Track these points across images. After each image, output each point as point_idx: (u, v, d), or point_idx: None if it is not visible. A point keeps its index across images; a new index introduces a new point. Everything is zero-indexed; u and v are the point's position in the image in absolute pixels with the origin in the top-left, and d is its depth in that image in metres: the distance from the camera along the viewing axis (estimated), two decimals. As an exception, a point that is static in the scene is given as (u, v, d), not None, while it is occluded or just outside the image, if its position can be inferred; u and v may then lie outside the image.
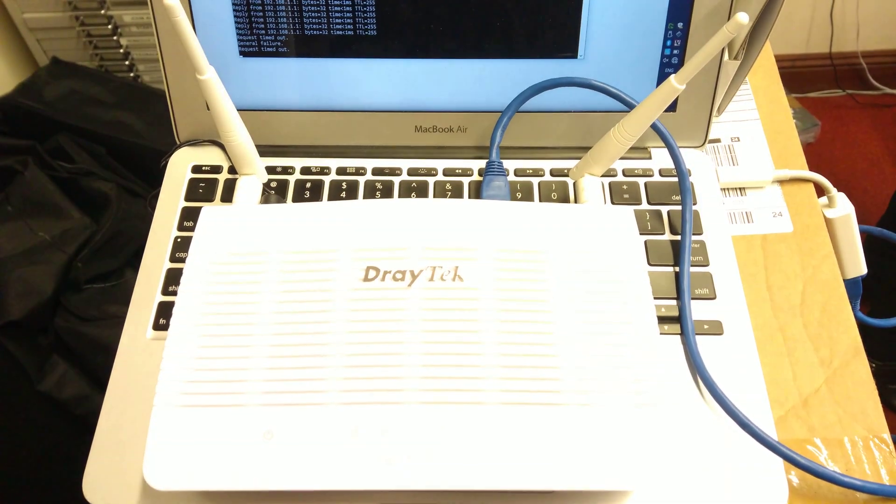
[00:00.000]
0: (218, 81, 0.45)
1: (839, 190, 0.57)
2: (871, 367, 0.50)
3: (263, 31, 0.52)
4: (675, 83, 0.44)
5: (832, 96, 1.95)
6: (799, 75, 1.92)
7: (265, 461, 0.39)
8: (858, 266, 0.57)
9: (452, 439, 0.40)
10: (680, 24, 0.52)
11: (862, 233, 0.58)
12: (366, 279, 0.44)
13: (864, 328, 0.53)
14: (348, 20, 0.51)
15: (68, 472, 0.45)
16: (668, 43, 0.52)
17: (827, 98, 1.95)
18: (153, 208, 0.54)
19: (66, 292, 0.91)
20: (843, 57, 1.91)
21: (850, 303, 0.53)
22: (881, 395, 0.49)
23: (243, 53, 0.53)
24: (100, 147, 1.02)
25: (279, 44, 0.52)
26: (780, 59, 0.64)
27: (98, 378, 0.89)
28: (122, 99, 1.09)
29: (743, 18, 0.40)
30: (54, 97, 1.06)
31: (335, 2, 0.51)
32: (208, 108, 0.49)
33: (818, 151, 1.85)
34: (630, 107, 0.50)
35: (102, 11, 1.19)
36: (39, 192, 0.95)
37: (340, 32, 0.52)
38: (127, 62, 1.27)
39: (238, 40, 0.52)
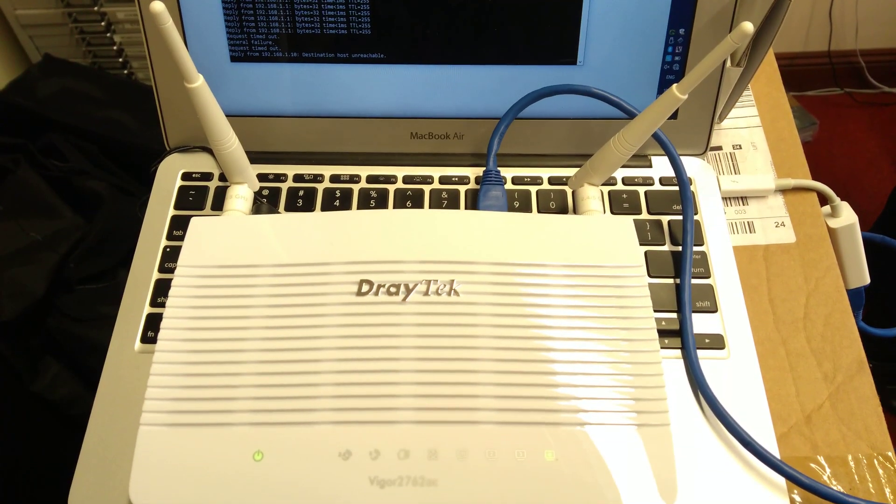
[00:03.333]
0: (207, 90, 0.44)
1: (837, 190, 0.56)
2: (869, 367, 0.50)
3: (255, 33, 0.51)
4: (678, 93, 0.43)
5: (830, 95, 1.94)
6: (797, 73, 1.92)
7: (253, 483, 0.38)
8: (862, 276, 0.56)
9: (447, 461, 0.38)
10: (682, 31, 0.50)
11: (863, 240, 0.57)
12: (359, 293, 0.43)
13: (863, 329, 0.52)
14: (342, 22, 0.50)
15: (61, 472, 0.44)
16: (670, 49, 0.51)
17: (825, 96, 1.94)
18: (143, 214, 0.53)
19: (58, 293, 0.89)
20: (842, 55, 1.90)
21: (853, 313, 0.52)
22: (879, 395, 0.48)
23: (234, 59, 0.51)
24: (92, 145, 1.01)
25: (271, 48, 0.51)
26: (778, 57, 0.63)
27: (91, 379, 0.88)
28: (116, 97, 1.08)
29: (748, 28, 0.39)
30: (47, 95, 1.05)
31: (328, 4, 0.50)
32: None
33: (816, 150, 1.84)
34: (630, 115, 0.49)
35: (95, 8, 1.17)
36: (31, 191, 0.94)
37: (334, 32, 0.50)
38: (120, 59, 1.25)
39: (229, 45, 0.51)
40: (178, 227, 0.51)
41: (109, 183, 0.98)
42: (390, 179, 0.54)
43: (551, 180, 0.54)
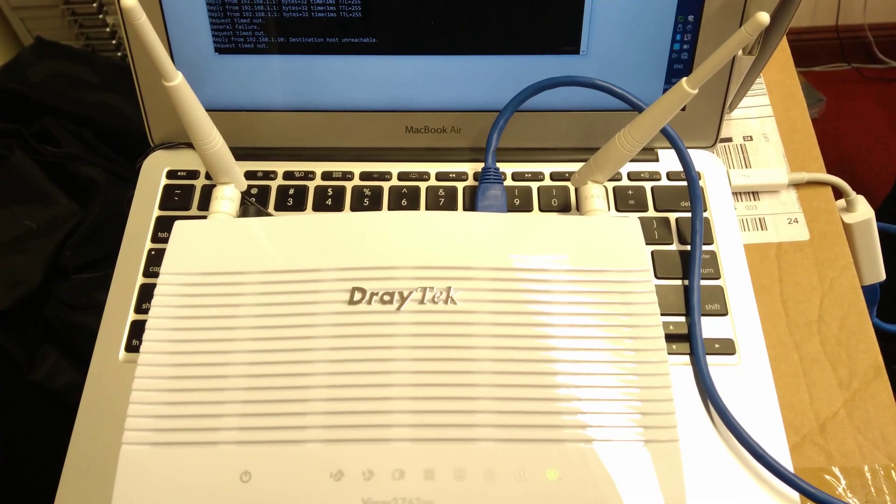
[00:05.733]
0: (187, 88, 0.41)
1: (843, 168, 0.54)
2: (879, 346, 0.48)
3: (239, 18, 0.48)
4: (688, 88, 0.40)
5: (837, 70, 1.90)
6: (804, 49, 1.87)
7: (241, 506, 0.36)
8: (877, 272, 0.54)
9: (444, 482, 0.36)
10: (690, 17, 0.48)
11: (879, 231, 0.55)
12: (351, 301, 0.41)
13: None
14: (331, 4, 0.48)
15: (62, 460, 0.43)
16: (678, 37, 0.48)
17: (832, 72, 1.90)
18: (129, 209, 0.51)
19: (54, 281, 0.88)
20: (850, 30, 1.86)
21: (868, 310, 0.49)
22: (890, 377, 0.47)
23: (219, 50, 0.49)
24: (87, 130, 0.99)
25: (257, 33, 0.48)
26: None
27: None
28: (109, 80, 1.05)
29: (763, 18, 0.36)
30: (39, 79, 1.02)
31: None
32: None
33: (822, 127, 1.80)
34: (636, 108, 0.46)
35: (87, -11, 1.15)
36: (25, 177, 0.92)
37: (322, 15, 0.48)
38: (113, 41, 1.23)
39: (213, 32, 0.48)
40: (164, 228, 0.49)
41: (105, 169, 0.96)
42: (385, 176, 0.51)
43: (553, 176, 0.51)
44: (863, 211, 0.53)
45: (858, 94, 1.87)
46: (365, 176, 0.51)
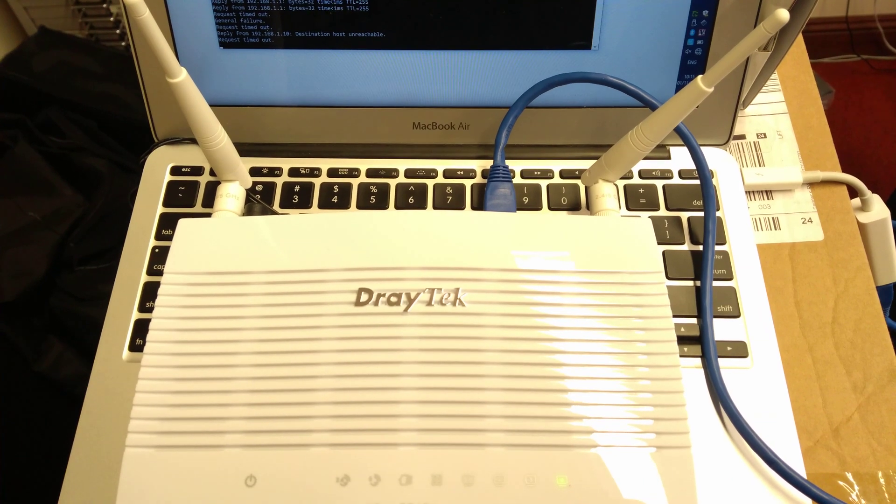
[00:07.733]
0: (191, 85, 0.40)
1: (851, 160, 0.53)
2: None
3: (244, 12, 0.47)
4: (703, 86, 0.39)
5: (847, 61, 1.88)
6: (813, 40, 1.85)
7: (246, 511, 0.36)
8: (892, 272, 0.53)
9: (452, 488, 0.36)
10: (705, 12, 0.47)
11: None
12: (357, 303, 0.40)
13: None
14: (338, 0, 0.47)
15: (68, 451, 0.43)
16: (692, 33, 0.47)
17: (841, 63, 1.88)
18: (133, 205, 0.50)
19: (59, 272, 0.88)
20: (860, 21, 1.84)
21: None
22: None
23: (224, 45, 0.48)
24: (91, 121, 0.98)
25: (263, 32, 0.48)
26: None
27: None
28: (113, 70, 1.04)
29: (783, 16, 0.35)
30: (43, 69, 1.02)
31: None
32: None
33: (830, 118, 1.78)
34: (650, 105, 0.46)
35: (90, -22, 1.13)
36: (29, 168, 0.91)
37: (329, 9, 0.47)
38: (117, 31, 1.21)
39: (217, 30, 0.48)
40: (167, 225, 0.49)
41: (109, 160, 0.95)
42: (391, 173, 0.51)
43: (563, 174, 0.51)
44: (878, 210, 0.52)
45: (867, 86, 1.85)
46: (371, 173, 0.51)
